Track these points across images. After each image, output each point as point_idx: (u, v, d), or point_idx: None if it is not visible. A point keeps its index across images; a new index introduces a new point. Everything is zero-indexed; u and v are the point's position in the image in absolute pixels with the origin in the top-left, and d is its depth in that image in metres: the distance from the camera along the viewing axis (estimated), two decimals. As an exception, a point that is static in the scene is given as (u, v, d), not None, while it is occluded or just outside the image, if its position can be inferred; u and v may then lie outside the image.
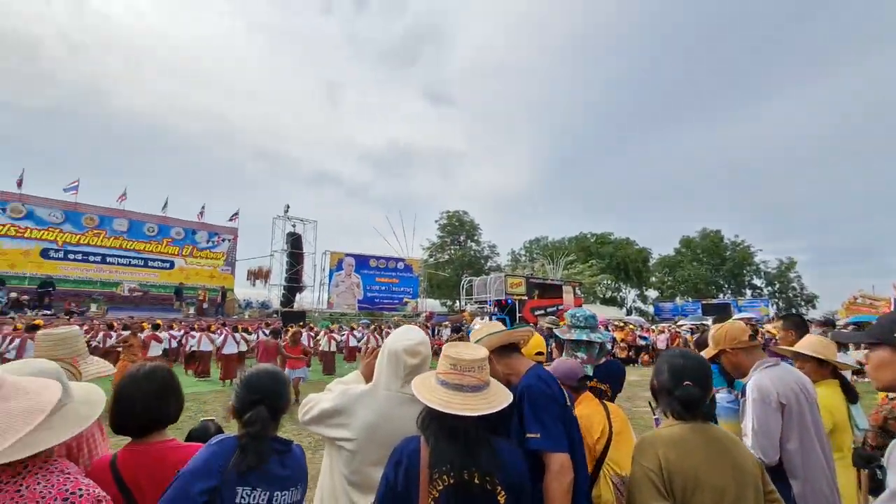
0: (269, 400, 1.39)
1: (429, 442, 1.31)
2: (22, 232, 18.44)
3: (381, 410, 1.57)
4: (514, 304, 23.30)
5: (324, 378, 12.92)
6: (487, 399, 1.37)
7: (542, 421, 1.53)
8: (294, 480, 1.39)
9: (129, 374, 1.48)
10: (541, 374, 1.73)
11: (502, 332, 1.87)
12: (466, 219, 45.19)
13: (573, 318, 2.56)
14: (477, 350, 1.47)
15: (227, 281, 23.92)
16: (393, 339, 1.71)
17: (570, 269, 39.95)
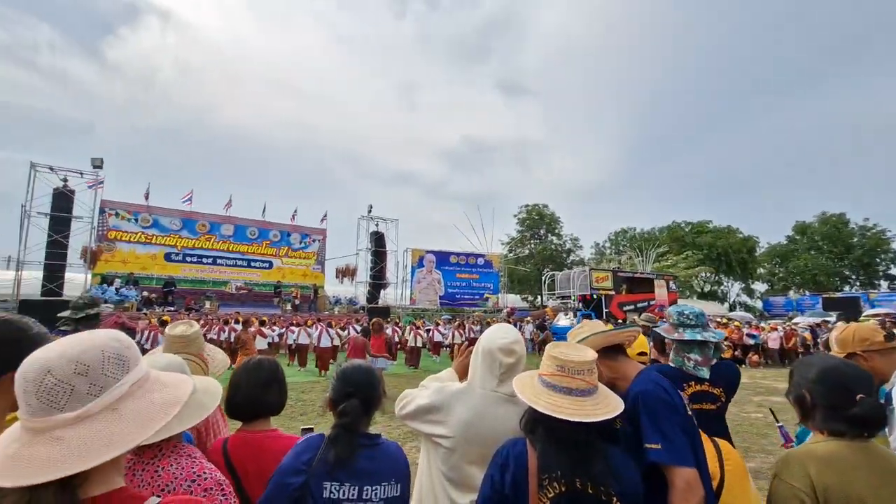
0: (361, 393, 1.42)
1: (535, 446, 1.25)
2: (149, 239, 21.17)
3: (477, 409, 1.56)
4: (600, 300, 22.17)
5: (409, 371, 13.27)
6: (599, 404, 1.28)
7: (662, 431, 1.39)
8: (386, 475, 1.37)
9: (241, 366, 1.64)
10: (656, 378, 1.54)
11: (608, 332, 1.70)
12: (546, 212, 43.86)
13: (681, 317, 2.27)
14: (584, 351, 1.37)
15: (318, 279, 25.52)
16: (487, 337, 1.69)
17: (661, 261, 37.22)
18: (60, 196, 17.66)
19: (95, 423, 0.71)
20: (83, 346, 0.74)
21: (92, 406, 0.72)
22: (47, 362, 0.71)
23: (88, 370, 0.72)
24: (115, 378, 0.76)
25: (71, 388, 0.71)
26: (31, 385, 0.71)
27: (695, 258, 39.88)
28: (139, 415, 0.76)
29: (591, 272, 22.86)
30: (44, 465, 0.66)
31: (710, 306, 38.59)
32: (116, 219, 20.45)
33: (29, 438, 0.70)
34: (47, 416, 0.70)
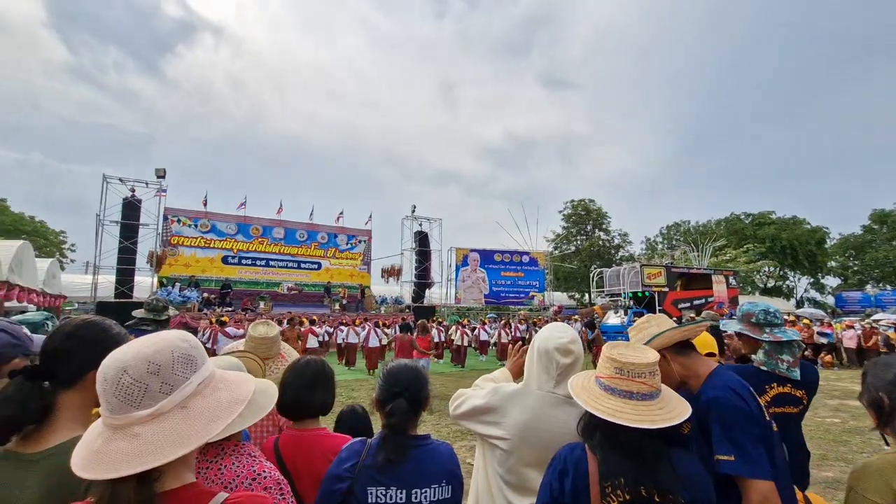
0: (408, 392, 1.39)
1: (595, 452, 1.19)
2: (208, 243, 22.37)
3: (534, 410, 1.53)
4: (652, 297, 21.22)
5: (455, 370, 13.25)
6: (663, 409, 1.20)
7: (737, 441, 1.31)
8: (436, 477, 1.34)
9: (290, 366, 1.68)
10: (731, 382, 1.44)
11: (681, 328, 1.59)
12: (593, 207, 42.60)
13: (768, 315, 2.12)
14: (644, 352, 1.29)
15: (364, 279, 26.03)
16: (543, 337, 1.65)
17: (719, 255, 35.22)
18: (129, 205, 19.04)
19: (168, 421, 0.76)
20: (155, 346, 0.79)
21: (164, 404, 0.76)
22: (124, 362, 0.76)
23: (160, 369, 0.77)
24: (184, 377, 0.80)
25: (145, 387, 0.75)
26: (109, 384, 0.75)
27: (756, 251, 37.42)
28: (207, 413, 0.80)
29: (642, 268, 21.91)
30: (123, 459, 0.71)
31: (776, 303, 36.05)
32: (178, 225, 21.76)
33: (110, 434, 0.75)
34: (125, 413, 0.75)
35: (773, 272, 42.70)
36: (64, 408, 1.03)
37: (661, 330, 1.59)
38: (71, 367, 1.05)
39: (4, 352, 1.36)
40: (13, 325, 1.48)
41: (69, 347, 1.06)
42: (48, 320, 2.46)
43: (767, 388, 2.00)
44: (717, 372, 1.53)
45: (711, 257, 32.58)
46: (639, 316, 12.68)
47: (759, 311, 2.13)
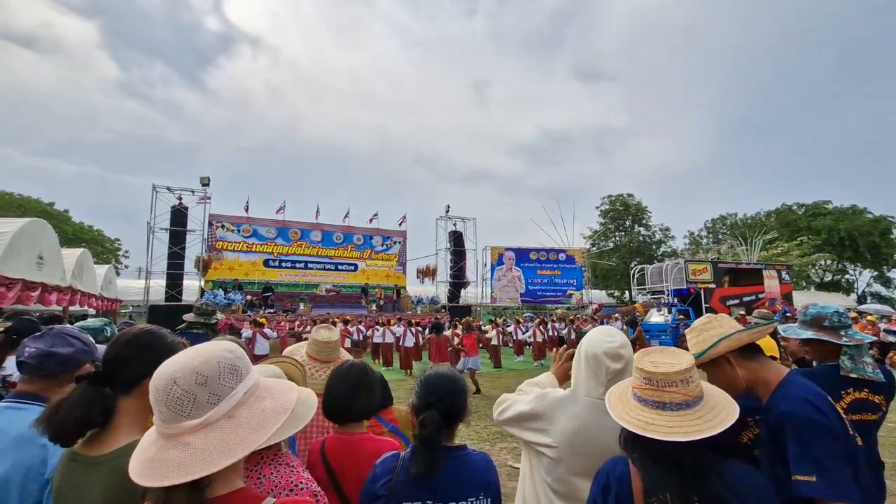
0: (442, 404, 1.33)
1: (638, 466, 1.11)
2: (250, 247, 23.16)
3: (583, 418, 1.47)
4: (698, 294, 20.29)
5: (492, 371, 13.10)
6: (701, 418, 1.09)
7: (818, 460, 1.18)
8: (473, 490, 1.29)
9: (334, 370, 1.71)
10: (808, 393, 1.29)
11: (750, 330, 1.44)
12: (632, 202, 41.29)
13: (842, 317, 1.97)
14: (676, 358, 1.18)
15: (400, 280, 26.25)
16: (591, 341, 1.58)
17: (770, 249, 33.33)
18: (177, 212, 19.98)
19: (216, 430, 0.78)
20: (201, 357, 0.81)
21: (212, 414, 0.78)
22: (173, 374, 0.79)
23: (207, 380, 0.79)
24: (230, 387, 0.82)
25: (194, 397, 0.78)
26: (161, 394, 0.78)
27: (811, 244, 35.18)
28: (252, 422, 0.82)
29: (687, 264, 21.00)
30: (175, 467, 0.74)
31: (835, 298, 33.83)
32: (222, 230, 22.63)
33: (163, 443, 0.78)
34: (176, 423, 0.77)
35: (831, 266, 40.02)
36: (123, 413, 1.10)
37: (726, 332, 1.44)
38: (129, 374, 1.11)
39: (80, 357, 1.48)
40: (82, 332, 1.57)
41: (127, 354, 1.13)
42: (107, 326, 2.58)
43: (843, 394, 1.84)
44: (790, 380, 1.37)
45: (761, 251, 30.87)
46: (684, 314, 12.27)
47: (833, 314, 1.98)
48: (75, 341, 1.48)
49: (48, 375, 1.42)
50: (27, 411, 1.34)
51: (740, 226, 41.66)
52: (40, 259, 10.08)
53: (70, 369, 1.44)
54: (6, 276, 8.45)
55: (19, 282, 8.83)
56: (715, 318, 1.51)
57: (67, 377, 1.44)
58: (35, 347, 1.41)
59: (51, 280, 10.49)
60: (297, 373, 1.82)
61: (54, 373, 1.42)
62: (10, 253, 8.64)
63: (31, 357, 1.39)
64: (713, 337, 1.43)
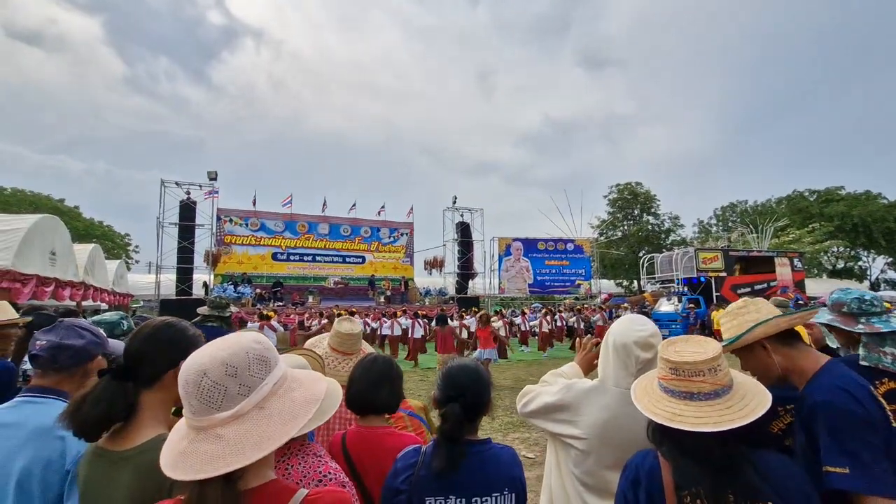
0: (465, 398, 1.30)
1: (667, 458, 1.07)
2: (259, 241, 23.29)
3: (612, 409, 1.44)
4: (709, 283, 20.12)
5: (500, 362, 13.09)
6: (731, 407, 1.05)
7: (852, 452, 1.12)
8: (498, 485, 1.27)
9: (358, 362, 1.70)
10: (845, 382, 1.23)
11: (790, 315, 1.37)
12: (640, 190, 40.92)
13: (864, 304, 1.87)
14: (703, 346, 1.14)
15: (407, 271, 26.30)
16: (620, 330, 1.54)
17: (781, 236, 32.94)
18: (185, 207, 20.08)
19: (247, 422, 0.77)
20: (230, 349, 0.80)
21: (243, 405, 0.78)
22: (202, 366, 0.78)
23: (237, 371, 0.78)
24: (260, 378, 0.81)
25: (224, 389, 0.77)
26: (191, 387, 0.77)
27: (824, 231, 34.66)
28: (284, 413, 0.81)
29: (697, 252, 20.81)
30: (209, 460, 0.73)
31: (846, 285, 33.25)
32: (231, 224, 22.76)
33: (194, 436, 0.77)
34: (207, 415, 0.77)
35: (844, 252, 39.48)
36: (146, 407, 1.10)
37: (762, 317, 1.37)
38: (151, 368, 1.11)
39: (91, 349, 1.48)
40: (93, 325, 1.57)
41: (148, 349, 1.12)
42: (123, 319, 2.58)
43: (878, 384, 1.72)
44: (829, 368, 1.31)
45: (772, 238, 30.51)
46: (694, 303, 12.19)
47: (853, 300, 1.89)
48: (86, 333, 1.48)
49: (61, 368, 1.42)
50: (44, 405, 1.36)
51: (751, 213, 41.17)
52: (53, 255, 10.18)
53: (83, 361, 1.46)
54: (21, 272, 8.55)
55: (34, 277, 8.93)
56: (752, 302, 1.44)
57: (80, 369, 1.46)
58: (46, 340, 1.41)
59: (64, 275, 10.61)
60: (316, 365, 1.81)
61: (67, 365, 1.43)
62: (23, 249, 8.73)
63: (43, 350, 1.39)
64: (748, 322, 1.38)
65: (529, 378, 10.07)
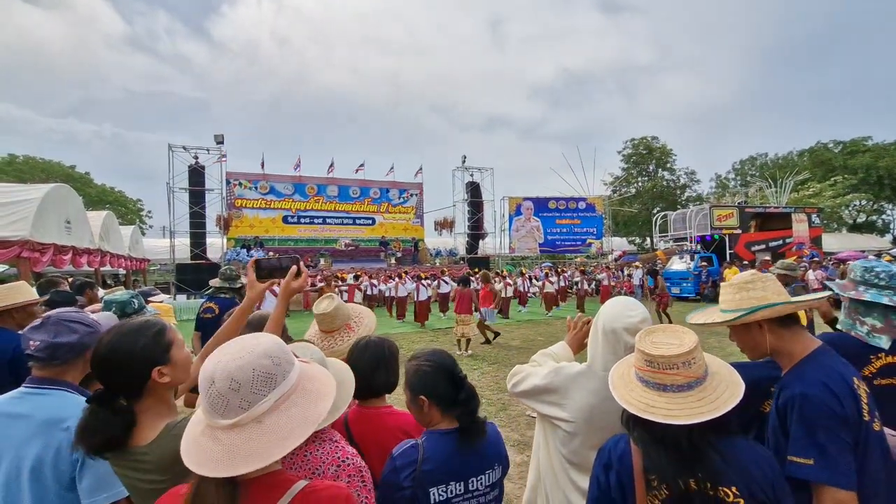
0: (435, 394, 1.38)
1: (638, 445, 1.12)
2: (269, 204, 23.32)
3: (600, 394, 1.44)
4: (723, 240, 19.82)
5: (502, 323, 13.26)
6: (703, 399, 1.07)
7: (819, 445, 1.18)
8: (489, 462, 1.37)
9: (352, 348, 1.70)
10: (828, 377, 1.24)
11: (795, 302, 1.34)
12: (656, 145, 39.74)
13: (868, 273, 1.86)
14: (679, 338, 1.14)
15: (417, 232, 26.30)
16: (610, 315, 1.53)
17: (801, 190, 32.01)
18: (194, 172, 20.09)
19: (243, 433, 0.81)
20: (239, 362, 0.83)
21: (241, 418, 0.81)
22: (213, 373, 0.82)
23: (240, 387, 0.81)
24: (262, 395, 0.84)
25: (227, 401, 0.81)
26: (203, 389, 0.83)
27: (846, 184, 33.56)
28: (279, 431, 0.83)
29: (711, 209, 20.38)
30: (207, 460, 0.79)
31: (866, 240, 32.68)
32: (240, 188, 22.75)
33: (203, 429, 0.84)
34: (212, 418, 0.82)
35: (866, 206, 38.36)
36: (145, 409, 1.13)
37: (769, 298, 1.34)
38: (127, 385, 1.13)
39: (86, 341, 1.49)
40: (81, 314, 1.57)
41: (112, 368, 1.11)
42: (133, 298, 2.60)
43: (873, 359, 1.76)
44: (815, 357, 1.31)
45: (792, 193, 29.68)
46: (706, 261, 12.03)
47: (860, 268, 1.89)
48: (78, 326, 1.49)
49: (62, 362, 1.45)
50: (48, 396, 1.40)
51: (770, 167, 39.91)
52: (68, 223, 10.35)
53: (81, 353, 1.47)
54: (39, 242, 8.74)
55: (51, 246, 9.13)
56: (760, 279, 1.41)
57: (81, 360, 1.48)
58: (39, 340, 1.41)
59: (80, 243, 10.83)
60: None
61: (66, 360, 1.46)
62: (39, 219, 8.88)
63: (38, 350, 1.41)
64: (752, 300, 1.35)
65: (538, 338, 10.24)
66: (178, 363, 1.20)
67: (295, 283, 1.48)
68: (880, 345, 1.75)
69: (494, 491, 1.39)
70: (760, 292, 1.36)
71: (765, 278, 1.41)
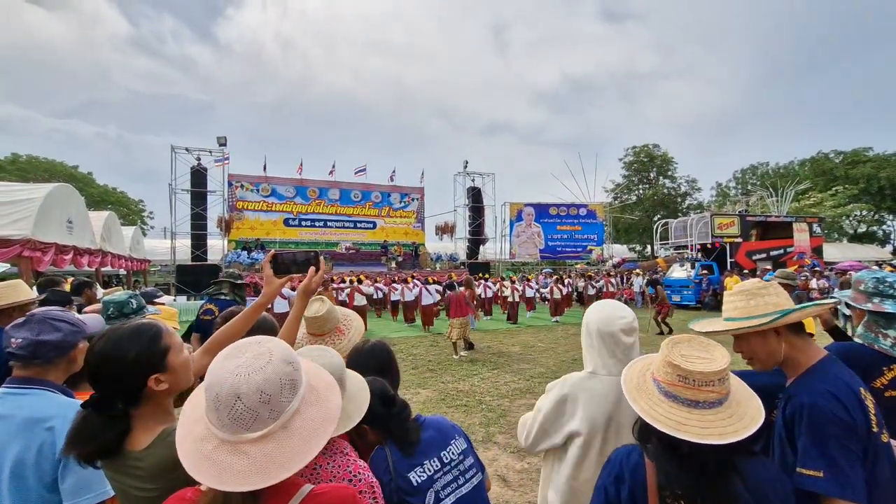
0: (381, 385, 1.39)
1: (651, 458, 1.08)
2: (270, 206, 23.36)
3: (610, 397, 1.50)
4: (723, 248, 19.81)
5: (509, 326, 13.24)
6: (732, 416, 1.03)
7: (830, 457, 1.15)
8: (450, 434, 1.41)
9: (352, 353, 1.67)
10: (835, 387, 1.23)
11: (804, 309, 1.33)
12: (657, 153, 39.87)
13: (882, 284, 1.86)
14: (712, 353, 1.08)
15: (418, 237, 26.31)
16: (602, 319, 1.58)
17: (802, 199, 32.04)
18: (196, 173, 20.11)
19: (272, 442, 0.79)
20: (264, 373, 0.80)
21: (272, 428, 0.79)
22: (237, 388, 0.78)
23: (270, 399, 0.79)
24: (288, 401, 0.83)
25: (256, 414, 0.78)
26: (223, 407, 0.78)
27: (847, 194, 33.59)
28: (305, 433, 0.83)
29: (712, 218, 20.38)
30: (235, 475, 0.76)
31: (867, 250, 32.67)
32: (242, 190, 22.80)
33: (218, 444, 0.79)
34: (236, 434, 0.78)
35: (866, 216, 38.37)
36: (142, 415, 1.09)
37: (786, 305, 1.31)
38: (124, 391, 1.07)
39: (70, 340, 1.48)
40: (66, 313, 1.56)
41: (104, 377, 1.06)
42: (132, 298, 2.55)
43: (885, 370, 1.76)
44: (822, 367, 1.30)
45: (793, 202, 29.70)
46: (707, 269, 12.02)
47: (871, 279, 1.90)
48: (61, 324, 1.47)
49: (44, 361, 1.43)
50: (29, 396, 1.39)
51: (772, 176, 39.96)
52: (70, 223, 10.35)
53: (64, 352, 1.46)
54: (41, 241, 8.73)
55: (53, 246, 9.13)
56: (773, 286, 1.38)
57: (63, 360, 1.47)
58: (21, 338, 1.40)
59: (81, 243, 10.82)
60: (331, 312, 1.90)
61: (48, 358, 1.44)
62: (41, 218, 8.87)
63: (21, 348, 1.39)
64: (770, 306, 1.32)
65: (538, 344, 10.18)
66: (176, 369, 1.14)
67: (314, 282, 1.43)
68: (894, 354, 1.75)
69: (469, 458, 1.40)
70: (775, 298, 1.34)
71: (776, 285, 1.39)
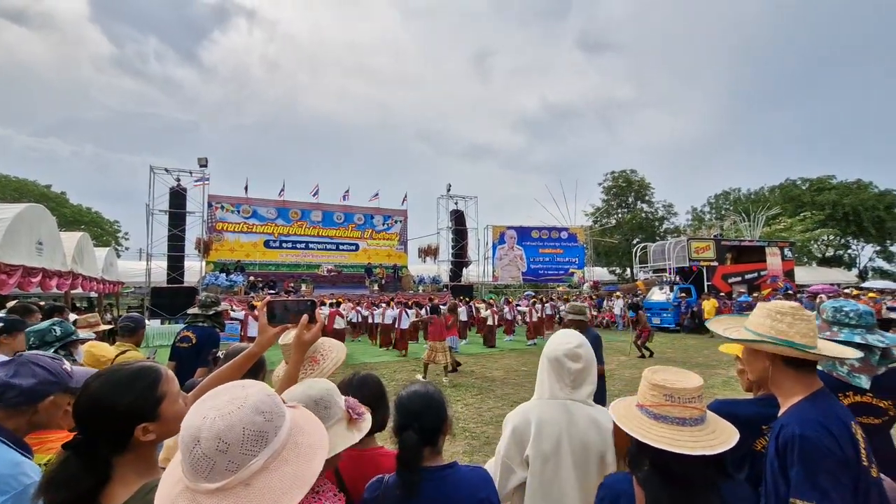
0: (419, 423, 1.31)
1: (642, 484, 1.14)
2: (251, 228, 23.05)
3: (555, 418, 1.60)
4: (700, 272, 20.26)
5: (486, 351, 13.12)
6: (714, 433, 1.14)
7: (822, 488, 1.17)
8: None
9: (345, 383, 1.62)
10: (825, 418, 1.24)
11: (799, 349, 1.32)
12: (635, 178, 40.99)
13: (838, 313, 1.89)
14: (686, 374, 1.23)
15: (401, 259, 26.22)
16: (551, 345, 1.70)
17: (773, 224, 33.17)
18: (175, 194, 19.79)
19: (228, 498, 0.74)
20: (228, 420, 0.76)
21: (228, 482, 0.74)
22: (198, 431, 0.75)
23: (228, 448, 0.75)
24: (252, 455, 0.77)
25: (213, 463, 0.74)
26: (185, 449, 0.75)
27: (815, 219, 34.96)
28: (268, 495, 0.76)
29: (689, 242, 20.90)
30: None
31: (834, 274, 33.86)
32: (222, 211, 22.49)
33: (182, 489, 0.76)
34: (194, 481, 0.75)
35: (833, 241, 39.90)
36: (123, 464, 0.99)
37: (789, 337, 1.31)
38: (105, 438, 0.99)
39: (42, 389, 1.34)
40: (52, 358, 1.44)
41: (92, 420, 0.99)
42: (54, 325, 2.38)
43: (841, 397, 1.78)
44: (815, 399, 1.30)
45: (764, 227, 30.72)
46: (685, 292, 12.30)
47: (829, 308, 1.93)
48: (39, 371, 1.36)
49: (7, 406, 1.32)
50: None
51: (744, 201, 41.36)
52: (39, 245, 10.00)
53: (32, 401, 1.34)
54: (6, 263, 8.40)
55: (20, 268, 8.78)
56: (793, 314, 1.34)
57: (30, 408, 1.35)
58: None
59: (51, 265, 10.44)
60: None
61: (13, 404, 1.32)
62: (8, 239, 8.56)
63: None
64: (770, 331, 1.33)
65: (521, 368, 10.12)
66: (167, 419, 1.06)
67: (308, 335, 1.34)
68: (861, 384, 1.76)
69: None
70: (783, 326, 1.32)
71: (801, 315, 1.34)
